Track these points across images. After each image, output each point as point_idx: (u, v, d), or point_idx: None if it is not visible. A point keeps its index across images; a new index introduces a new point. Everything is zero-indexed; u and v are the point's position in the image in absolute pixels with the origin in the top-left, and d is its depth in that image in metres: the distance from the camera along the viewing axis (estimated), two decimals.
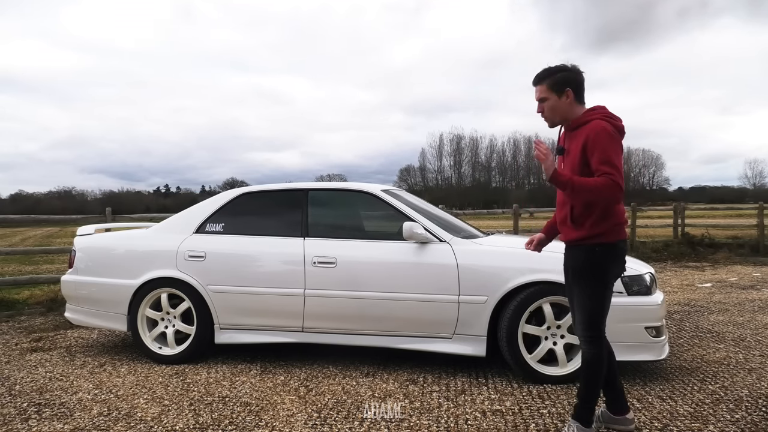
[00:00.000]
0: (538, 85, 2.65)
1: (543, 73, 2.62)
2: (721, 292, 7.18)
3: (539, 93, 2.64)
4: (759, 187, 66.29)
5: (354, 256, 3.89)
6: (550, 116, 2.63)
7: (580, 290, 2.57)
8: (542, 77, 2.63)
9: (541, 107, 2.64)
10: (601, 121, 2.51)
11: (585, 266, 2.55)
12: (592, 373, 2.59)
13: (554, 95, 2.60)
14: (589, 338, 2.57)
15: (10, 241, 21.55)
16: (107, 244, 4.45)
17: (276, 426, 2.95)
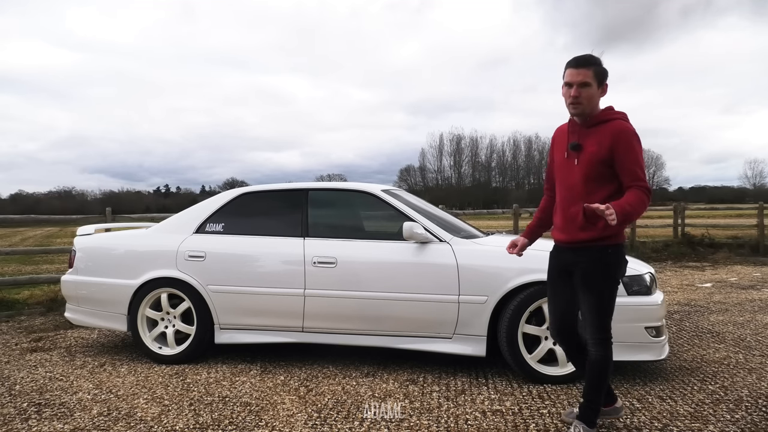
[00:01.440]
0: (585, 69, 2.46)
1: (591, 58, 2.49)
2: (721, 292, 7.18)
3: (583, 77, 2.46)
4: (759, 187, 66.28)
5: (354, 256, 3.89)
6: (586, 104, 2.47)
7: (591, 292, 2.51)
8: (591, 62, 2.48)
9: (578, 92, 2.46)
10: (627, 123, 2.49)
11: (599, 267, 2.50)
12: (600, 374, 2.55)
13: (596, 84, 2.48)
14: (600, 340, 2.52)
15: (10, 241, 21.55)
16: (107, 244, 4.45)
17: (276, 426, 2.95)
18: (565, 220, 2.58)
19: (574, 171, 2.53)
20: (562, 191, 2.59)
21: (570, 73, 2.48)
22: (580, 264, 2.54)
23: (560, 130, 2.71)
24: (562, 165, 2.61)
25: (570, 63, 2.50)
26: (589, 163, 2.47)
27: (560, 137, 2.67)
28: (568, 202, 2.56)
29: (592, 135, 2.50)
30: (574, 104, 2.49)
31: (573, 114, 2.54)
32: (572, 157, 2.55)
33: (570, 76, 2.48)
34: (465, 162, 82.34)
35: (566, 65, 2.51)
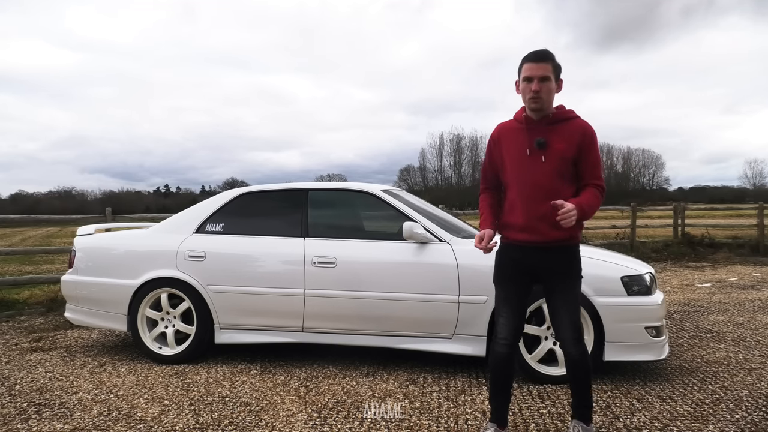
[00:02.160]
0: (544, 63, 2.42)
1: (549, 53, 2.44)
2: (721, 292, 7.18)
3: (543, 71, 2.41)
4: (759, 187, 66.29)
5: (354, 256, 3.89)
6: (545, 99, 2.42)
7: (571, 290, 2.49)
8: (549, 56, 2.43)
9: (539, 86, 2.39)
10: (588, 123, 2.50)
11: (573, 266, 2.50)
12: (587, 371, 2.53)
13: (554, 79, 2.44)
14: (579, 338, 2.49)
15: (10, 241, 21.55)
16: (107, 244, 4.45)
17: (276, 426, 2.95)
18: (531, 220, 2.45)
19: (541, 168, 2.44)
20: (525, 189, 2.46)
21: (530, 68, 2.42)
22: (555, 264, 2.48)
23: (506, 127, 2.59)
24: (521, 163, 2.48)
25: (528, 57, 2.45)
26: (558, 160, 2.43)
27: (510, 135, 2.55)
28: (534, 201, 2.44)
29: (556, 132, 2.45)
30: (535, 99, 2.41)
31: (533, 109, 2.45)
32: (537, 155, 2.45)
33: (530, 71, 2.42)
34: (465, 162, 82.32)
35: (524, 60, 2.46)
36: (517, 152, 2.49)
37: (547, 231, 2.43)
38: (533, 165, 2.45)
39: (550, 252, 2.47)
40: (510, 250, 2.56)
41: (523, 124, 2.50)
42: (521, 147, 2.48)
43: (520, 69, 2.47)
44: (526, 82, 2.43)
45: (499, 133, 2.60)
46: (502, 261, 2.59)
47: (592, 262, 3.69)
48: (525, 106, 2.49)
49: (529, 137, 2.47)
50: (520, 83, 2.47)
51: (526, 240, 2.48)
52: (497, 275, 2.61)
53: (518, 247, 2.52)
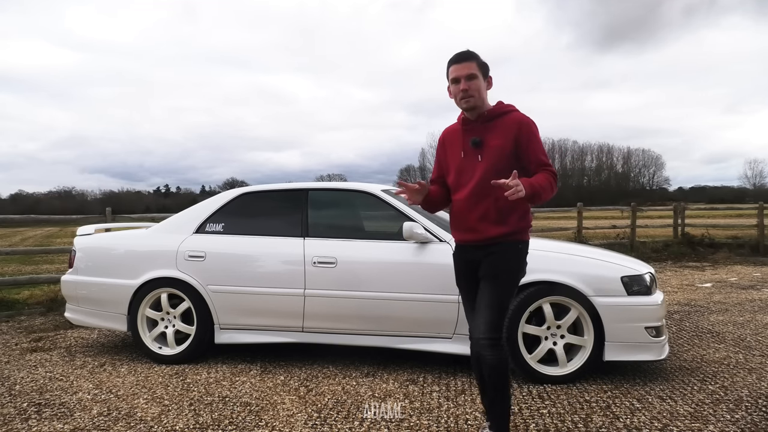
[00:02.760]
0: (468, 62, 2.42)
1: (471, 52, 2.45)
2: (721, 292, 7.18)
3: (468, 69, 2.41)
4: (759, 187, 66.32)
5: (354, 256, 3.89)
6: (477, 96, 2.42)
7: (496, 289, 2.40)
8: (472, 55, 2.44)
9: (467, 84, 2.40)
10: (525, 114, 2.48)
11: (510, 265, 2.44)
12: (502, 377, 2.39)
13: (481, 76, 2.44)
14: (494, 341, 2.36)
15: (10, 241, 21.55)
16: (107, 244, 4.45)
17: (276, 426, 2.95)
18: (473, 220, 2.45)
19: (479, 168, 2.43)
20: (465, 191, 2.46)
21: (455, 69, 2.43)
22: (488, 258, 2.43)
23: (450, 130, 2.61)
24: (460, 165, 2.50)
25: (452, 60, 2.45)
26: (496, 156, 2.40)
27: (452, 137, 2.57)
28: (475, 201, 2.44)
29: (493, 129, 2.44)
30: (465, 98, 2.42)
31: (465, 108, 2.46)
32: (474, 155, 2.45)
33: (455, 71, 2.43)
34: None
35: (448, 63, 2.47)
36: (456, 155, 2.52)
37: (487, 228, 2.42)
38: (471, 165, 2.45)
39: (489, 248, 2.44)
40: (459, 251, 2.58)
41: (467, 124, 2.50)
42: (459, 149, 2.51)
43: (447, 73, 2.48)
44: (454, 84, 2.44)
45: (444, 137, 2.62)
46: (455, 263, 2.61)
47: (592, 262, 3.69)
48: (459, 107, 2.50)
49: (464, 138, 2.49)
50: (450, 86, 2.47)
51: (469, 240, 2.49)
52: (455, 277, 2.63)
53: (464, 248, 2.54)
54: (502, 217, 2.42)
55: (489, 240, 2.43)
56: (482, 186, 2.40)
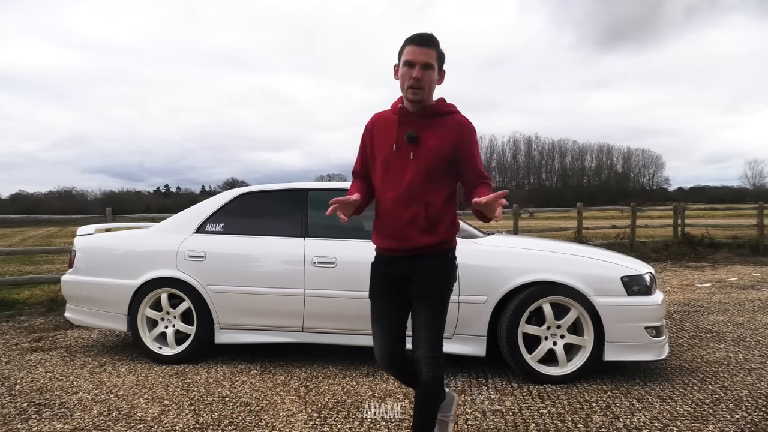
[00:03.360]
0: (429, 48, 2.12)
1: (435, 38, 2.15)
2: (721, 292, 7.18)
3: (427, 57, 2.11)
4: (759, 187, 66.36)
5: (354, 256, 3.89)
6: (426, 89, 2.13)
7: (435, 303, 2.20)
8: (435, 42, 2.14)
9: (420, 73, 2.10)
10: (467, 119, 2.25)
11: (442, 275, 2.23)
12: (434, 397, 2.24)
13: (437, 68, 2.16)
14: (435, 359, 2.17)
15: (10, 241, 21.55)
16: (107, 244, 4.45)
17: (276, 426, 2.95)
18: (401, 226, 2.16)
19: (410, 167, 2.15)
20: (391, 192, 2.17)
21: (413, 51, 2.11)
22: (420, 272, 2.19)
23: (382, 117, 2.26)
24: (390, 160, 2.19)
25: (413, 39, 2.13)
26: (431, 158, 2.15)
27: (383, 126, 2.23)
28: (402, 204, 2.15)
29: (432, 128, 2.17)
30: (414, 88, 2.12)
31: (411, 100, 2.15)
32: (406, 151, 2.16)
33: (413, 54, 2.11)
34: None
35: (407, 41, 2.15)
36: (386, 147, 2.20)
37: (416, 236, 2.16)
38: (401, 163, 2.16)
39: (419, 260, 2.19)
40: (379, 261, 2.27)
41: (404, 116, 2.20)
42: (389, 141, 2.19)
43: (401, 52, 2.16)
44: (407, 67, 2.13)
45: (373, 123, 2.28)
46: (373, 274, 2.28)
47: (592, 262, 3.70)
48: (403, 95, 2.19)
49: (400, 130, 2.18)
50: (400, 67, 2.16)
51: (395, 248, 2.19)
52: (370, 290, 2.29)
53: (387, 257, 2.24)
54: (431, 226, 2.16)
55: (417, 250, 2.17)
56: (413, 188, 2.15)
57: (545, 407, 3.16)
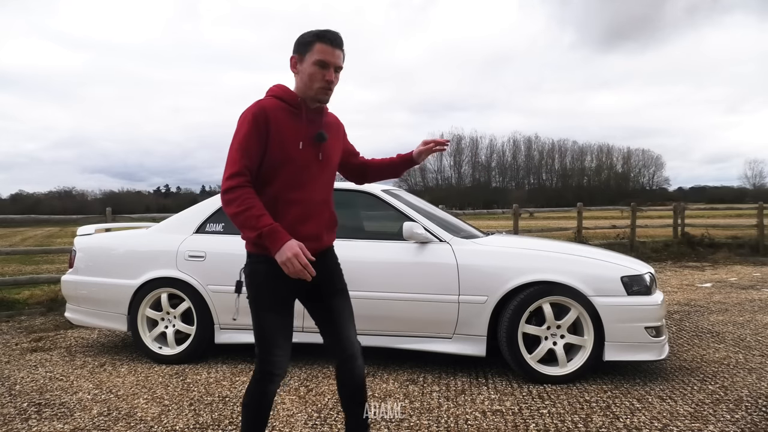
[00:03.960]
0: (341, 51, 2.04)
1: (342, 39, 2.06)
2: (721, 292, 7.19)
3: (340, 60, 2.04)
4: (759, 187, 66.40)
5: (354, 256, 3.88)
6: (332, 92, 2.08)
7: (348, 299, 2.25)
8: (343, 43, 2.06)
9: (332, 77, 2.02)
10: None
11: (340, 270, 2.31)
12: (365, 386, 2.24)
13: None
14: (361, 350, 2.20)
15: (10, 241, 21.55)
16: (107, 244, 4.45)
17: (276, 426, 2.95)
18: (320, 227, 2.11)
19: (320, 168, 2.08)
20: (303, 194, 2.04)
21: (328, 52, 1.99)
22: (331, 270, 2.22)
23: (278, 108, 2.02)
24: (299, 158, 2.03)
25: (326, 39, 2.00)
26: (336, 159, 2.18)
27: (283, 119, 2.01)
28: (317, 206, 2.09)
29: (328, 128, 2.13)
30: (326, 90, 2.03)
31: (320, 100, 2.06)
32: (315, 151, 2.06)
33: (328, 55, 1.99)
34: (465, 162, 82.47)
35: (318, 38, 2.00)
36: (293, 143, 2.02)
37: (326, 237, 2.16)
38: (310, 162, 2.05)
39: (327, 257, 2.19)
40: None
41: (301, 111, 2.05)
42: (296, 137, 2.02)
43: (308, 46, 2.01)
44: (318, 67, 1.99)
45: (268, 114, 1.99)
46: (271, 283, 2.06)
47: (592, 262, 3.70)
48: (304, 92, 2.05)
49: (309, 128, 2.06)
50: (308, 65, 2.00)
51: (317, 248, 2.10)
52: (271, 299, 2.06)
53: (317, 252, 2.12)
54: (334, 223, 2.20)
55: (323, 250, 2.16)
56: (326, 189, 2.12)
57: (545, 407, 3.16)
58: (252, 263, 2.12)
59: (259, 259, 2.07)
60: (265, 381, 2.05)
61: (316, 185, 2.08)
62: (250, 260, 2.13)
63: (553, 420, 2.97)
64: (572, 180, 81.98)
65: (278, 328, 2.07)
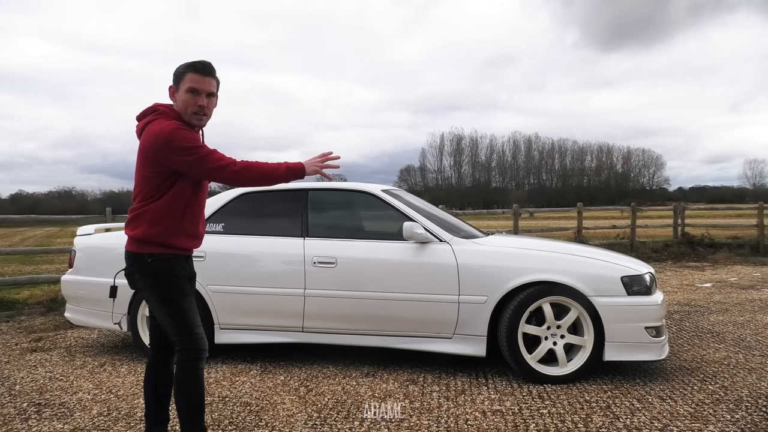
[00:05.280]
0: (212, 78, 2.34)
1: (213, 68, 2.36)
2: (721, 292, 7.18)
3: (211, 86, 2.34)
4: (759, 187, 66.42)
5: (354, 256, 3.89)
6: (209, 115, 2.39)
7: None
8: (215, 71, 2.36)
9: (206, 102, 2.33)
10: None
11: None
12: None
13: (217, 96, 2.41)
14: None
15: (10, 241, 21.55)
16: (107, 244, 4.44)
17: (276, 426, 2.95)
18: (203, 227, 2.50)
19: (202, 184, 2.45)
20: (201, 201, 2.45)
21: (197, 80, 2.30)
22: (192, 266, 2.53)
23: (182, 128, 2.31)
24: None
25: (194, 68, 2.31)
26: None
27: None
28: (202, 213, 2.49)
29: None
30: (200, 116, 2.33)
31: (196, 125, 2.36)
32: None
33: (197, 83, 2.29)
34: (465, 162, 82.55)
35: (188, 68, 2.31)
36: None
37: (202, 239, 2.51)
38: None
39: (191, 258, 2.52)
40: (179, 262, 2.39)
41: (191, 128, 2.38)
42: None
43: (181, 76, 2.32)
44: (190, 94, 2.30)
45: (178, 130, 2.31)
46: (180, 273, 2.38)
47: (592, 262, 3.70)
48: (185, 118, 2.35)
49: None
50: (181, 93, 2.32)
51: (194, 248, 2.47)
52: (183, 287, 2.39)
53: (187, 258, 2.45)
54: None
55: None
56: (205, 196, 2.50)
57: (545, 407, 3.16)
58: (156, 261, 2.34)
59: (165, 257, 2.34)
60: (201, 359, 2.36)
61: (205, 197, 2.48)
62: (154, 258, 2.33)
63: (553, 420, 2.97)
64: (572, 180, 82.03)
65: (194, 307, 2.42)
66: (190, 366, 2.34)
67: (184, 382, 2.34)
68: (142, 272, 2.35)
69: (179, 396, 2.35)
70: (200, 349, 2.35)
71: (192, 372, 2.34)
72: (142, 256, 2.32)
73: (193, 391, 2.35)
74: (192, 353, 2.34)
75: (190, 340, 2.34)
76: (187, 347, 2.33)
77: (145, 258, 2.32)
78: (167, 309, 2.34)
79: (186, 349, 2.33)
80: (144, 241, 2.30)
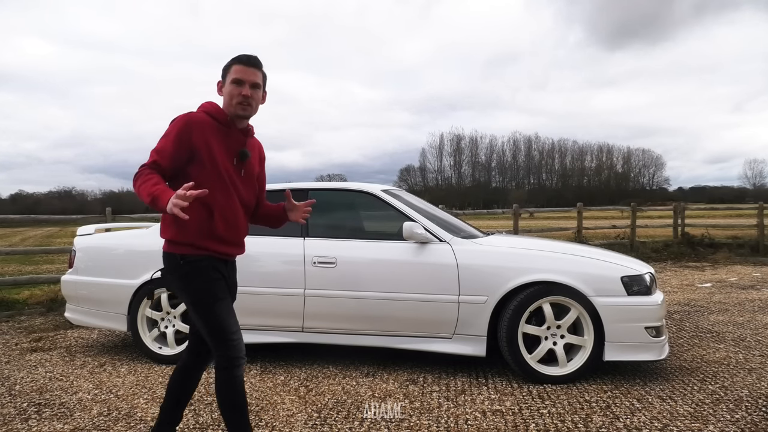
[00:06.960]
0: (256, 69, 2.28)
1: (259, 60, 2.31)
2: (721, 292, 7.19)
3: (256, 77, 2.27)
4: (759, 187, 66.43)
5: (354, 256, 3.89)
6: (254, 107, 2.28)
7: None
8: (261, 64, 2.31)
9: (249, 92, 2.24)
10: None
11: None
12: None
13: (262, 88, 2.32)
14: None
15: (10, 241, 21.55)
16: (107, 244, 4.45)
17: (276, 426, 2.95)
18: (238, 235, 2.36)
19: (242, 183, 2.32)
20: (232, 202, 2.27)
21: (242, 70, 2.25)
22: (233, 275, 2.51)
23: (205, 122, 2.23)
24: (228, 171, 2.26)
25: (239, 60, 2.27)
26: (254, 177, 2.39)
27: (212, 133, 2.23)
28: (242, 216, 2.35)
29: (251, 148, 2.36)
30: (244, 105, 2.24)
31: (240, 115, 2.26)
32: (238, 167, 2.30)
33: (242, 73, 2.24)
34: (465, 162, 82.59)
35: (233, 61, 2.27)
36: (224, 155, 2.25)
37: (244, 246, 2.46)
38: (234, 177, 2.28)
39: (232, 264, 2.48)
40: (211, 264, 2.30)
41: (230, 129, 2.28)
42: (226, 152, 2.26)
43: (227, 70, 2.29)
44: (235, 85, 2.25)
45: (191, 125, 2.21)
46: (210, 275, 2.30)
47: (592, 262, 3.70)
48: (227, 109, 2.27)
49: (235, 144, 2.29)
50: (227, 85, 2.27)
51: (231, 253, 2.38)
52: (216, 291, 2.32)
53: (219, 261, 2.34)
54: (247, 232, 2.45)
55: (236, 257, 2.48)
56: (248, 204, 2.39)
57: (545, 407, 3.16)
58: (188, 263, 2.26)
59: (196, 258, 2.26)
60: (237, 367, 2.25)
61: (242, 198, 2.33)
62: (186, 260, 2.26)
63: (553, 420, 2.98)
64: (572, 180, 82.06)
65: (230, 313, 2.35)
66: (225, 375, 2.25)
67: (223, 392, 2.26)
68: (172, 273, 2.29)
69: (223, 405, 2.27)
70: (234, 357, 2.24)
71: (229, 381, 2.24)
72: (175, 257, 2.26)
73: (234, 399, 2.25)
74: (226, 361, 2.24)
75: (224, 347, 2.25)
76: (221, 354, 2.25)
77: (177, 259, 2.26)
78: (199, 313, 2.28)
79: (220, 356, 2.25)
80: (174, 242, 2.25)
